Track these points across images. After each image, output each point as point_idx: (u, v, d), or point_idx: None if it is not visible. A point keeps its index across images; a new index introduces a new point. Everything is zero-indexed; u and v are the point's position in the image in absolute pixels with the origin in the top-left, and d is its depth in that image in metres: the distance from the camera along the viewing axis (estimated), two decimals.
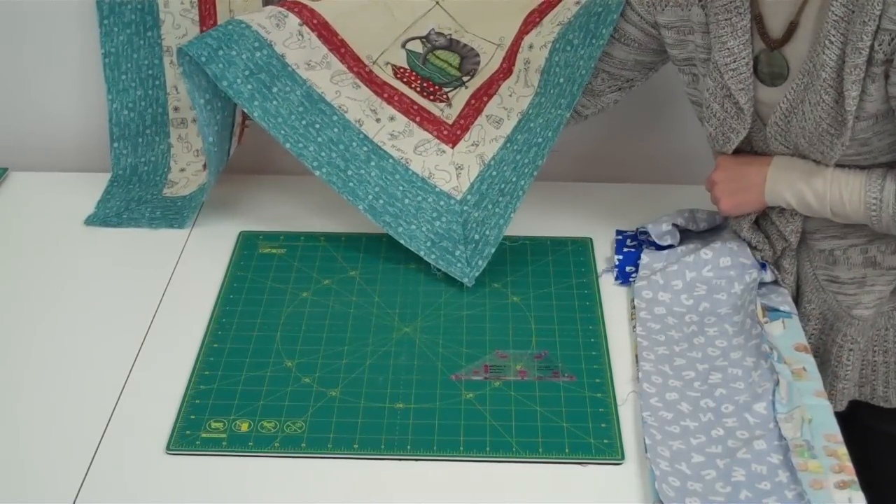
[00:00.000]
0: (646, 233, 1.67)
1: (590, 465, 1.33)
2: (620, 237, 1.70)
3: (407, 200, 1.69)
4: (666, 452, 1.31)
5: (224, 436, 1.36)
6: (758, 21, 1.42)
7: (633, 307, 1.57)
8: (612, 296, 1.62)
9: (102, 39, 1.85)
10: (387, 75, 1.80)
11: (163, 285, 1.64)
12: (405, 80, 1.80)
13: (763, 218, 1.58)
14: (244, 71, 1.64)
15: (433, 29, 1.81)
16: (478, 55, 1.80)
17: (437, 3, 1.81)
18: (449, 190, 1.71)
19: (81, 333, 1.55)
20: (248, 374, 1.46)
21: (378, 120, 1.75)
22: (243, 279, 1.65)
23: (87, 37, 1.88)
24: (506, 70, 1.75)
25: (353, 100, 1.74)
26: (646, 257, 1.64)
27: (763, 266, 1.57)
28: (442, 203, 1.70)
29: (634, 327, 1.53)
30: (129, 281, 1.67)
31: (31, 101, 1.96)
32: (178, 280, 1.65)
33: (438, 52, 1.81)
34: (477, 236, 1.64)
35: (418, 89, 1.81)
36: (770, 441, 1.33)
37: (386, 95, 1.78)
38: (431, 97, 1.81)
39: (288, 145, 1.65)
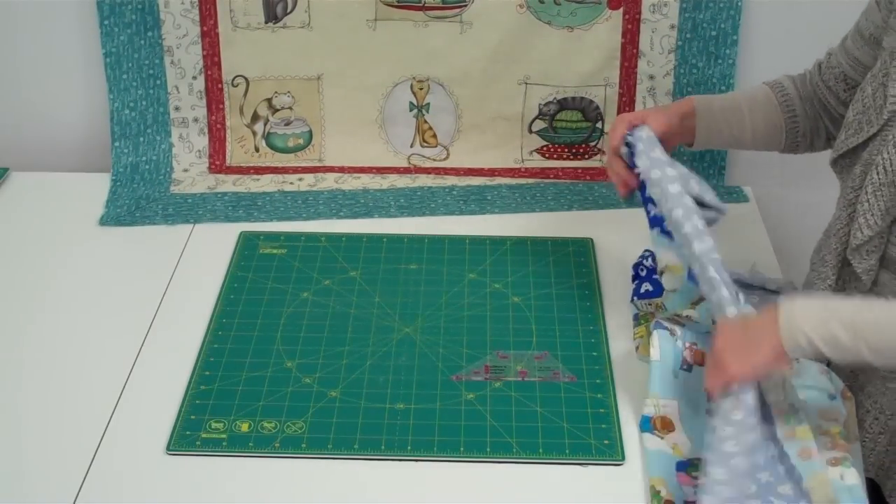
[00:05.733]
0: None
1: (590, 466, 1.33)
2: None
3: None
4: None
5: (224, 436, 1.36)
6: None
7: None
8: (613, 296, 1.62)
9: (103, 40, 1.85)
10: (539, 162, 1.95)
11: (163, 285, 1.64)
12: (555, 155, 1.95)
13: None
14: None
15: (539, 104, 1.90)
16: (592, 101, 1.90)
17: (526, 83, 1.89)
18: None
19: (82, 333, 1.55)
20: (248, 374, 1.46)
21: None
22: (244, 279, 1.65)
23: (87, 37, 1.88)
24: (628, 103, 1.89)
25: None
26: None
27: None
28: None
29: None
30: (129, 281, 1.67)
31: (31, 101, 1.96)
32: (179, 280, 1.65)
33: (559, 115, 1.92)
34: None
35: (571, 157, 1.95)
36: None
37: (552, 177, 1.92)
38: (586, 156, 1.95)
39: None
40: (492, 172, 1.94)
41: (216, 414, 1.39)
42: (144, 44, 1.86)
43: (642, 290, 1.57)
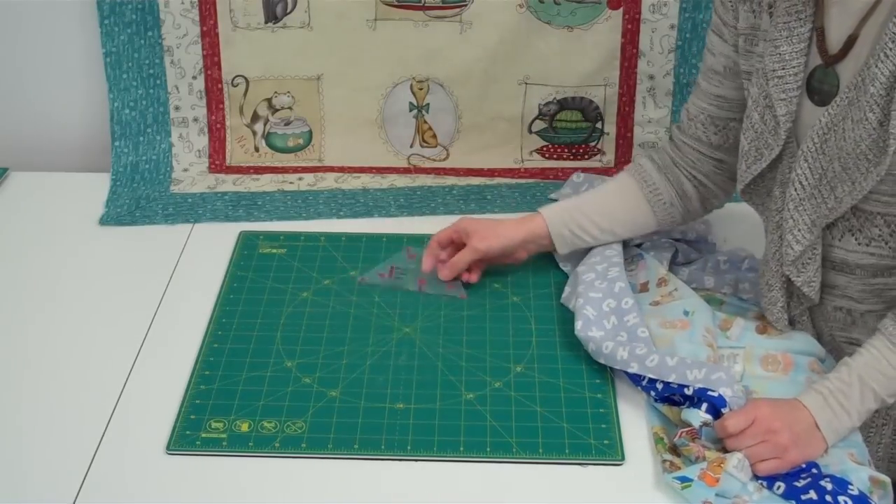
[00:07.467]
0: None
1: (590, 466, 1.33)
2: None
3: None
4: None
5: (224, 436, 1.36)
6: (819, 34, 1.32)
7: None
8: None
9: (103, 39, 1.85)
10: (539, 163, 1.95)
11: (163, 285, 1.64)
12: (555, 155, 1.95)
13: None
14: None
15: (539, 104, 1.90)
16: (592, 101, 1.90)
17: (526, 83, 1.89)
18: None
19: (81, 333, 1.55)
20: (248, 374, 1.46)
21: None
22: (243, 279, 1.65)
23: (87, 37, 1.88)
24: (628, 103, 1.90)
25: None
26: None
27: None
28: None
29: None
30: (129, 281, 1.67)
31: (31, 100, 1.96)
32: (179, 280, 1.65)
33: (559, 116, 1.92)
34: None
35: (570, 157, 1.95)
36: None
37: (552, 177, 1.92)
38: (586, 156, 1.95)
39: None
40: (491, 172, 1.94)
41: (216, 414, 1.39)
42: (144, 44, 1.87)
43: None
